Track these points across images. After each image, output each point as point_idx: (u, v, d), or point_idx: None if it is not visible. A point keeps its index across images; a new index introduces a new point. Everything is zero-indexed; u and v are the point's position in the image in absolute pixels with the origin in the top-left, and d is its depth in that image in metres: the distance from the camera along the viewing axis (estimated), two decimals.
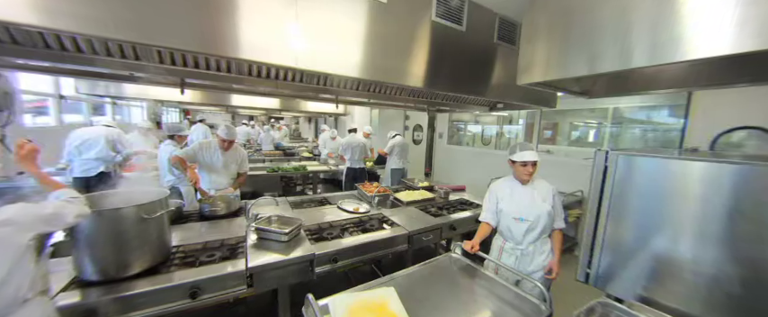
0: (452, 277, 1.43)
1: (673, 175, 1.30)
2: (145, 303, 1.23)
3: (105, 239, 1.23)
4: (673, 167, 1.30)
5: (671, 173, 1.30)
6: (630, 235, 1.43)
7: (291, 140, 9.44)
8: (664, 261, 1.33)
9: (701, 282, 1.22)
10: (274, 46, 1.38)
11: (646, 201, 1.38)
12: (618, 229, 1.48)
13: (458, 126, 6.29)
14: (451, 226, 2.31)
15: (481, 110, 3.37)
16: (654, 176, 1.35)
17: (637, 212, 1.41)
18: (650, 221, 1.36)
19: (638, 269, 1.40)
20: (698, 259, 1.23)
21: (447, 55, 2.03)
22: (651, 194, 1.36)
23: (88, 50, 1.26)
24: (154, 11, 1.11)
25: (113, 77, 1.80)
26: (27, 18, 0.94)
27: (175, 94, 3.04)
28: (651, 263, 1.36)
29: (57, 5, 0.97)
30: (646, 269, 1.38)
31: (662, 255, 1.33)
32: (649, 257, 1.37)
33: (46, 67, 1.52)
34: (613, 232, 1.49)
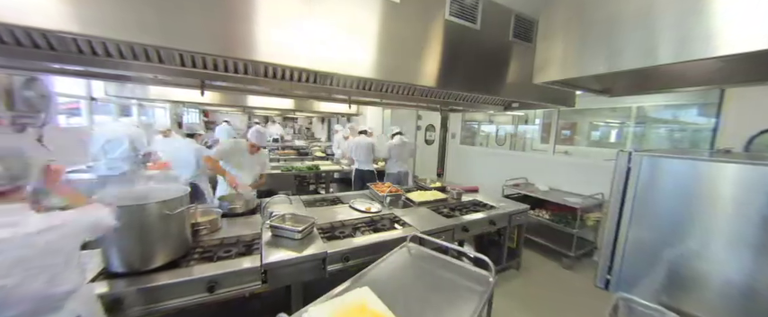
0: (414, 265, 1.44)
1: (703, 177, 1.23)
2: (166, 296, 1.29)
3: (131, 233, 1.30)
4: (703, 170, 1.23)
5: (701, 175, 1.23)
6: (655, 240, 1.36)
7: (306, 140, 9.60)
8: (691, 268, 1.26)
9: (734, 292, 1.15)
10: (288, 48, 1.41)
11: (672, 204, 1.31)
12: (641, 233, 1.41)
13: (471, 126, 6.19)
14: (464, 227, 2.28)
15: (495, 109, 3.30)
16: (681, 178, 1.28)
17: (662, 216, 1.34)
18: (677, 226, 1.29)
19: (663, 276, 1.33)
20: (730, 268, 1.15)
21: (461, 54, 2.00)
22: (678, 198, 1.29)
23: (116, 55, 1.33)
24: (176, 17, 1.16)
25: (139, 80, 1.90)
26: (62, 26, 1.01)
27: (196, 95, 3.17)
28: (677, 270, 1.29)
29: (89, 13, 1.03)
30: (671, 276, 1.31)
31: (689, 262, 1.26)
32: (675, 263, 1.30)
33: (78, 71, 1.62)
34: (636, 237, 1.43)
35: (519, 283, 2.80)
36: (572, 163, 3.83)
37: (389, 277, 1.30)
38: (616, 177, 1.48)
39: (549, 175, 3.91)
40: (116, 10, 1.06)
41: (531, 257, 3.34)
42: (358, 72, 1.64)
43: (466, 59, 2.04)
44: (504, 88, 2.33)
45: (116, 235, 1.27)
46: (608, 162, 1.59)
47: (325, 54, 1.51)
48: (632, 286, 1.44)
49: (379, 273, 1.33)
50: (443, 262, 1.45)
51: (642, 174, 1.39)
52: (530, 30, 2.29)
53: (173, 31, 1.17)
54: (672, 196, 1.31)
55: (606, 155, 3.52)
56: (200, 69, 1.55)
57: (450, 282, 1.30)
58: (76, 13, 1.02)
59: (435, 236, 2.08)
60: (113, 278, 1.27)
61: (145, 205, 1.32)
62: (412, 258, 1.49)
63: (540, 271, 3.06)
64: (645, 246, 1.40)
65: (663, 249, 1.33)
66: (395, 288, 1.22)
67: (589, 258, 3.32)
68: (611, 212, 1.51)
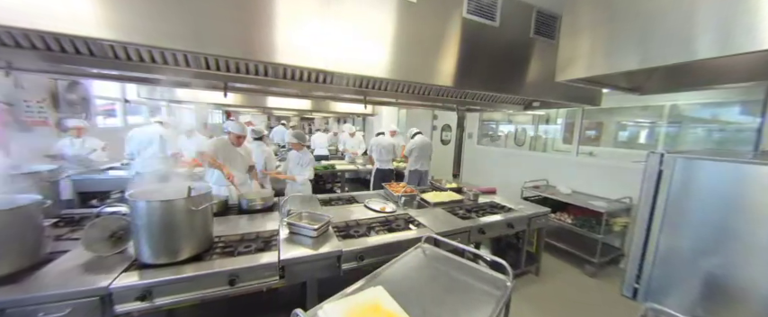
0: (429, 267, 1.42)
1: (745, 181, 1.13)
2: (191, 287, 1.35)
3: (159, 227, 1.38)
4: (746, 173, 1.13)
5: (743, 179, 1.14)
6: (689, 248, 1.27)
7: None
8: (732, 280, 1.16)
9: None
10: (306, 50, 1.44)
11: (710, 210, 1.22)
12: (674, 240, 1.32)
13: (489, 126, 6.04)
14: (481, 230, 2.23)
15: (515, 109, 3.21)
16: (721, 181, 1.19)
17: (699, 222, 1.25)
18: (716, 233, 1.20)
19: (699, 287, 1.24)
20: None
21: (478, 52, 1.96)
22: (717, 203, 1.20)
23: (148, 59, 1.42)
24: (203, 23, 1.22)
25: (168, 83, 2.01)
26: (101, 33, 1.09)
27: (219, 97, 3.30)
28: (716, 281, 1.20)
29: (124, 22, 1.11)
30: (709, 287, 1.22)
31: (730, 272, 1.16)
32: (713, 274, 1.20)
33: (114, 75, 1.74)
34: (668, 244, 1.34)
35: (538, 288, 2.71)
36: (597, 165, 3.64)
37: (403, 278, 1.30)
38: (646, 180, 1.40)
39: (572, 177, 3.74)
40: (148, 18, 1.14)
41: (552, 262, 3.21)
42: (374, 72, 1.65)
43: (484, 58, 2.00)
44: (524, 87, 2.26)
45: (145, 228, 1.36)
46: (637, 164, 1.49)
47: (342, 55, 1.53)
48: (663, 297, 1.35)
49: (393, 273, 1.33)
50: (459, 264, 1.43)
51: (676, 177, 1.30)
52: (552, 26, 2.20)
53: (199, 37, 1.23)
54: (710, 201, 1.21)
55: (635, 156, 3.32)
56: (224, 72, 1.62)
57: (465, 284, 1.28)
58: (113, 22, 1.09)
59: (451, 238, 2.06)
60: (143, 269, 1.36)
61: (172, 201, 1.40)
62: (427, 259, 1.48)
63: (562, 277, 2.94)
64: (678, 254, 1.30)
65: (699, 257, 1.24)
66: (409, 289, 1.21)
67: (615, 265, 3.14)
68: (641, 217, 1.42)
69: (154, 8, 1.14)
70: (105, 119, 4.98)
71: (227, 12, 1.26)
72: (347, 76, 1.75)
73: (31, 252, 1.33)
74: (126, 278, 1.28)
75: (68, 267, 1.34)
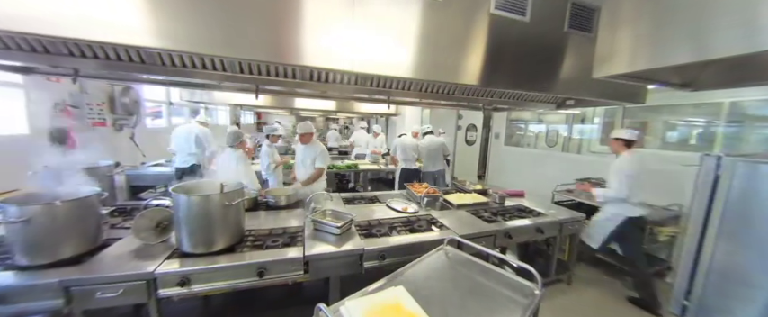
0: (451, 269, 1.38)
1: None
2: (224, 277, 1.45)
3: (197, 219, 1.49)
4: None
5: None
6: (752, 263, 1.12)
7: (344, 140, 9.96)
8: None
9: None
10: (332, 52, 1.48)
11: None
12: (732, 254, 1.17)
13: (517, 125, 5.78)
14: (507, 234, 2.14)
15: (546, 108, 3.04)
16: None
17: (765, 234, 1.10)
18: None
19: (762, 310, 1.09)
20: None
21: (507, 49, 1.89)
22: None
23: (190, 65, 1.54)
24: (238, 30, 1.30)
25: (206, 86, 2.17)
26: (151, 42, 1.20)
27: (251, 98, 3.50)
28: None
29: (171, 31, 1.21)
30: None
31: None
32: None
33: (160, 79, 1.91)
34: (725, 259, 1.19)
35: (570, 299, 2.54)
36: None
37: (425, 279, 1.29)
38: (700, 186, 1.26)
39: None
40: (191, 27, 1.23)
41: (586, 272, 3.00)
42: (398, 73, 1.65)
43: (513, 55, 1.92)
44: (556, 85, 2.14)
45: (185, 220, 1.48)
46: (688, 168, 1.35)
47: (366, 56, 1.55)
48: (718, 315, 1.21)
49: (414, 274, 1.32)
50: (482, 268, 1.39)
51: (736, 183, 1.16)
52: (590, 18, 2.06)
53: (235, 43, 1.31)
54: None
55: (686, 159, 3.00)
56: (256, 75, 1.71)
57: (489, 290, 1.24)
58: (161, 32, 1.20)
59: (475, 241, 1.99)
60: (183, 258, 1.48)
61: (209, 196, 1.51)
62: (449, 262, 1.45)
63: (598, 289, 2.73)
64: (738, 270, 1.16)
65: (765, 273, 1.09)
66: (430, 291, 1.20)
67: (660, 277, 2.86)
68: (693, 226, 1.28)
69: (195, 18, 1.23)
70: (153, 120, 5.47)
71: (259, 18, 1.33)
72: (371, 76, 1.77)
73: (91, 238, 1.50)
74: (168, 265, 1.41)
75: (121, 253, 1.50)
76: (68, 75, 1.65)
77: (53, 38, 1.12)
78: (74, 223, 1.41)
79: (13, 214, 1.26)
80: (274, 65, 1.63)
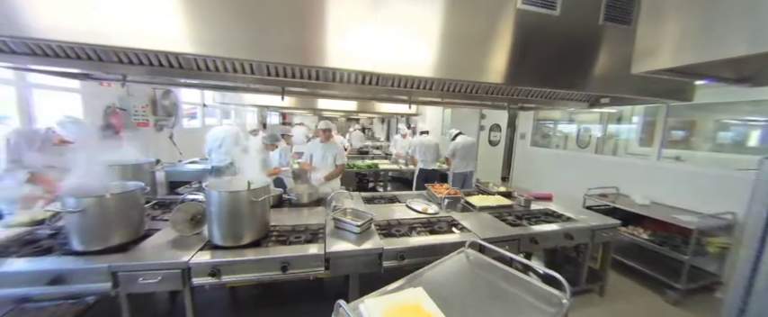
0: (472, 273, 1.34)
1: None
2: (250, 269, 1.52)
3: (226, 214, 1.58)
4: None
5: None
6: None
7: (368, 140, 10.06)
8: None
9: None
10: (354, 53, 1.50)
11: None
12: None
13: (545, 125, 5.51)
14: (533, 239, 2.05)
15: (578, 106, 2.86)
16: None
17: None
18: None
19: None
20: None
21: (534, 45, 1.81)
22: None
23: (222, 69, 1.64)
24: (265, 35, 1.36)
25: (236, 89, 2.30)
26: (189, 49, 1.29)
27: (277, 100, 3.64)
28: None
29: (206, 38, 1.29)
30: None
31: None
32: None
33: (196, 83, 2.05)
34: None
35: (603, 311, 2.38)
36: (686, 172, 3.05)
37: (445, 281, 1.27)
38: (759, 192, 1.12)
39: (651, 185, 3.20)
40: (224, 34, 1.31)
41: (621, 282, 2.79)
42: (419, 72, 1.64)
43: (541, 51, 1.83)
44: (590, 81, 2.00)
45: (216, 214, 1.57)
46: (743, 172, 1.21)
47: (388, 57, 1.55)
48: None
49: (434, 275, 1.31)
50: (505, 273, 1.34)
51: None
52: (628, 10, 1.91)
53: (263, 47, 1.37)
54: None
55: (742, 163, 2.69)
56: (282, 77, 1.78)
57: (513, 296, 1.19)
58: (198, 39, 1.29)
59: (497, 245, 1.93)
60: (214, 250, 1.57)
61: (238, 192, 1.59)
62: (470, 265, 1.42)
63: (634, 302, 2.53)
64: None
65: None
66: (450, 293, 1.18)
67: (708, 293, 2.59)
68: (749, 237, 1.15)
69: (228, 25, 1.31)
70: (189, 121, 5.89)
71: (285, 23, 1.39)
72: (393, 76, 1.77)
73: (135, 228, 1.65)
74: (201, 256, 1.50)
75: (160, 243, 1.63)
76: (118, 80, 1.82)
77: (107, 47, 1.24)
78: (121, 214, 1.56)
79: (72, 205, 1.41)
80: (299, 67, 1.69)
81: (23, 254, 1.45)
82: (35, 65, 1.55)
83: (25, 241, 1.59)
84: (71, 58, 1.43)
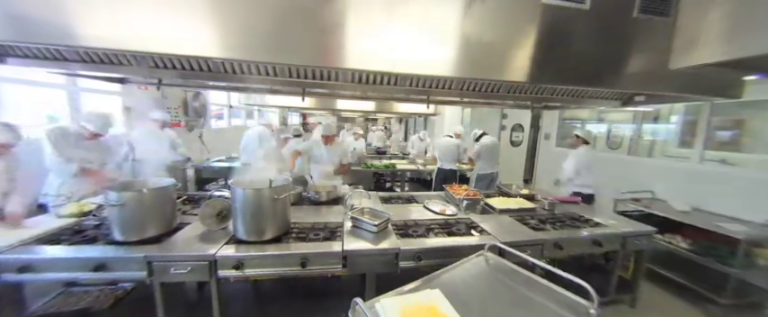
0: (491, 277, 1.30)
1: None
2: (271, 264, 1.58)
3: (250, 210, 1.65)
4: None
5: None
6: None
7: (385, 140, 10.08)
8: None
9: None
10: (373, 54, 1.51)
11: None
12: None
13: (571, 125, 5.24)
14: (557, 244, 1.96)
15: (609, 105, 2.69)
16: None
17: None
18: None
19: None
20: None
21: (561, 41, 1.72)
22: None
23: (247, 72, 1.71)
24: (287, 38, 1.41)
25: (260, 90, 2.39)
26: (217, 53, 1.36)
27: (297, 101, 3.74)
28: None
29: (233, 42, 1.36)
30: None
31: None
32: None
33: (223, 85, 2.15)
34: None
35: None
36: (734, 176, 2.78)
37: (463, 284, 1.25)
38: None
39: (691, 190, 2.95)
40: (248, 38, 1.37)
41: (656, 294, 2.60)
42: (438, 71, 1.62)
43: (568, 47, 1.74)
44: (622, 78, 1.88)
45: (240, 210, 1.64)
46: None
47: (406, 56, 1.55)
48: None
49: (451, 278, 1.29)
50: (527, 279, 1.29)
51: None
52: (666, 0, 1.77)
53: (285, 50, 1.42)
54: None
55: None
56: (302, 79, 1.83)
57: (534, 303, 1.14)
58: (224, 44, 1.36)
59: (519, 249, 1.86)
60: (238, 244, 1.65)
61: (260, 190, 1.66)
62: (490, 269, 1.38)
63: (670, 316, 2.35)
64: None
65: None
66: (468, 296, 1.15)
67: (758, 310, 2.34)
68: None
69: (252, 29, 1.37)
70: (216, 121, 6.20)
71: (305, 26, 1.42)
72: (411, 76, 1.77)
73: (167, 222, 1.76)
74: (226, 250, 1.58)
75: (190, 236, 1.73)
76: (153, 83, 1.96)
77: (145, 53, 1.34)
78: (156, 208, 1.67)
79: (114, 199, 1.54)
80: (319, 69, 1.73)
81: (73, 242, 1.60)
82: (84, 71, 1.70)
83: (74, 231, 1.75)
84: (114, 63, 1.55)
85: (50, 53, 1.47)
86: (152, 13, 1.22)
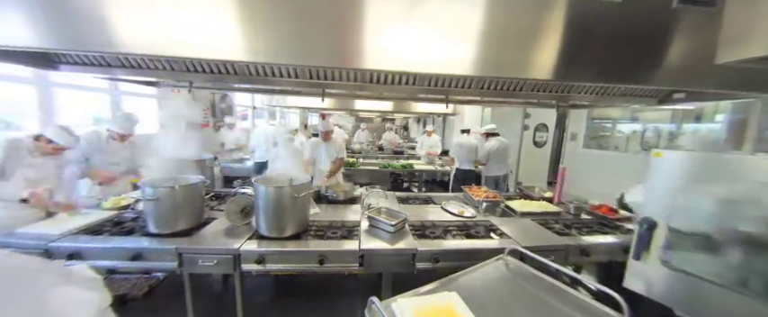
0: (511, 282, 1.25)
1: None
2: (291, 260, 1.63)
3: (271, 207, 1.71)
4: None
5: None
6: None
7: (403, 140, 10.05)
8: None
9: None
10: (391, 54, 1.51)
11: None
12: None
13: (601, 125, 4.94)
14: (584, 250, 1.86)
15: (644, 103, 2.51)
16: None
17: None
18: None
19: None
20: None
21: (590, 36, 1.63)
22: None
23: (270, 74, 1.78)
24: (308, 40, 1.44)
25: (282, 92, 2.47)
26: (242, 57, 1.42)
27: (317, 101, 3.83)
28: None
29: (256, 46, 1.42)
30: None
31: None
32: None
33: (247, 88, 2.24)
34: None
35: None
36: None
37: (481, 288, 1.21)
38: None
39: None
40: (270, 42, 1.42)
41: None
42: (458, 70, 1.58)
43: (598, 43, 1.64)
44: (660, 74, 1.74)
45: (263, 207, 1.71)
46: None
47: (425, 56, 1.53)
48: None
49: (469, 281, 1.26)
50: (550, 286, 1.24)
51: None
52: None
53: (305, 52, 1.45)
54: None
55: None
56: (322, 80, 1.87)
57: (557, 311, 1.09)
58: (248, 48, 1.42)
59: (541, 254, 1.79)
60: (260, 240, 1.71)
61: (281, 188, 1.71)
62: (510, 274, 1.33)
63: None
64: None
65: None
66: (486, 301, 1.12)
67: None
68: None
69: (274, 33, 1.41)
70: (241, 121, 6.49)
71: (325, 28, 1.45)
72: (430, 75, 1.75)
73: (197, 216, 1.86)
74: (249, 244, 1.65)
75: (216, 230, 1.82)
76: (185, 86, 2.08)
77: (178, 58, 1.43)
78: (186, 204, 1.78)
79: (149, 194, 1.65)
80: (338, 70, 1.76)
81: (113, 233, 1.74)
82: (124, 75, 1.85)
83: (115, 223, 1.90)
84: (151, 68, 1.67)
85: (96, 60, 1.61)
86: (187, 21, 1.30)
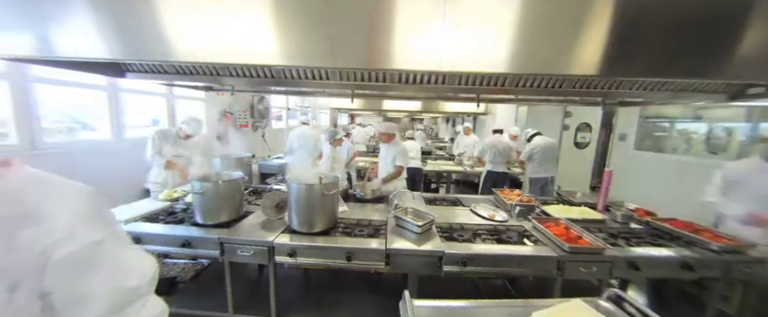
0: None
1: None
2: (320, 255, 1.69)
3: (302, 203, 1.79)
4: None
5: None
6: None
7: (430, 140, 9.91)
8: None
9: None
10: (419, 54, 1.50)
11: None
12: None
13: (655, 124, 4.43)
14: (632, 264, 1.68)
15: (711, 99, 2.20)
16: None
17: None
18: None
19: None
20: None
21: (642, 28, 1.46)
22: None
23: (304, 77, 1.86)
24: (340, 43, 1.49)
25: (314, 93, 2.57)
26: (279, 61, 1.51)
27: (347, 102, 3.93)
28: None
29: (291, 50, 1.49)
30: None
31: None
32: None
33: (283, 90, 2.37)
34: None
35: None
36: None
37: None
38: None
39: None
40: (303, 45, 1.49)
41: None
42: (491, 68, 1.52)
43: (651, 34, 1.47)
44: (732, 66, 1.51)
45: (295, 203, 1.79)
46: None
47: (455, 53, 1.50)
48: None
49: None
50: None
51: None
52: None
53: (336, 55, 1.50)
54: None
55: None
56: (352, 81, 1.92)
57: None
58: (284, 53, 1.50)
59: (583, 265, 1.66)
60: (292, 234, 1.80)
61: (312, 185, 1.79)
62: None
63: None
64: None
65: None
66: None
67: None
68: None
69: (307, 37, 1.48)
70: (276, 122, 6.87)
71: (355, 30, 1.48)
72: (461, 74, 1.71)
73: (236, 210, 2.02)
74: (282, 238, 1.74)
75: (253, 223, 1.95)
76: (228, 90, 2.26)
77: (223, 64, 1.57)
78: (228, 197, 1.93)
79: (197, 188, 1.83)
80: (367, 71, 1.79)
81: (167, 221, 1.95)
82: (178, 81, 2.06)
83: (168, 212, 2.13)
84: (200, 74, 1.84)
85: (155, 67, 1.81)
86: (234, 31, 1.42)
